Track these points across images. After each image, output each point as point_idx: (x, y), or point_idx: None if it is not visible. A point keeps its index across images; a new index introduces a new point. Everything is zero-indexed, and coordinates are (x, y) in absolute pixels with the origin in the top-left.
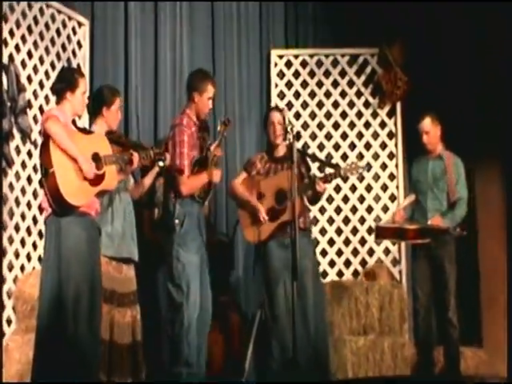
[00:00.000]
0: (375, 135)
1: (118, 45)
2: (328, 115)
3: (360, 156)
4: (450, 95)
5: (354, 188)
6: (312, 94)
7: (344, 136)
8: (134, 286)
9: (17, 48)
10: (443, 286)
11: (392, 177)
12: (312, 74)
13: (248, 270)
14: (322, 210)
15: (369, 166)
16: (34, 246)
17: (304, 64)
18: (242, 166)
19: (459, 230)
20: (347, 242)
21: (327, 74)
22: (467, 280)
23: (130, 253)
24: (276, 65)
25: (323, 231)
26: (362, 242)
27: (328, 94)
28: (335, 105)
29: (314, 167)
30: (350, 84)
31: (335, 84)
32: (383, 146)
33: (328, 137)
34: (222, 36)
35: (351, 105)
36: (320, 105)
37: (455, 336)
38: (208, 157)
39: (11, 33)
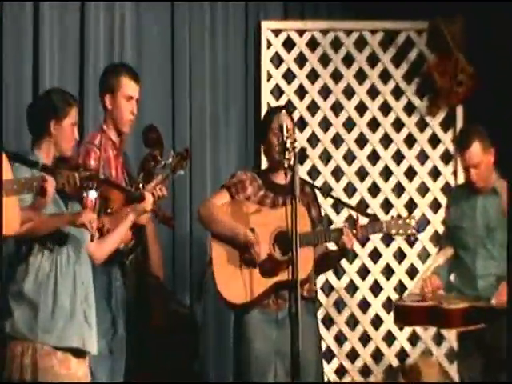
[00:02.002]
0: (422, 157)
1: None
2: (348, 125)
3: (398, 190)
4: None
5: (387, 238)
6: (324, 91)
7: (373, 158)
8: None
9: None
10: None
11: None
12: (325, 61)
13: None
14: (338, 272)
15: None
16: None
17: (313, 44)
18: (213, 188)
19: None
20: (377, 321)
21: (349, 60)
22: None
23: (81, 341)
24: (269, 45)
25: (340, 304)
26: None
27: (349, 92)
28: (360, 109)
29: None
30: (384, 77)
31: (361, 76)
32: (435, 174)
33: (348, 159)
34: (185, 5)
35: (385, 109)
36: (336, 108)
37: None
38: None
39: None
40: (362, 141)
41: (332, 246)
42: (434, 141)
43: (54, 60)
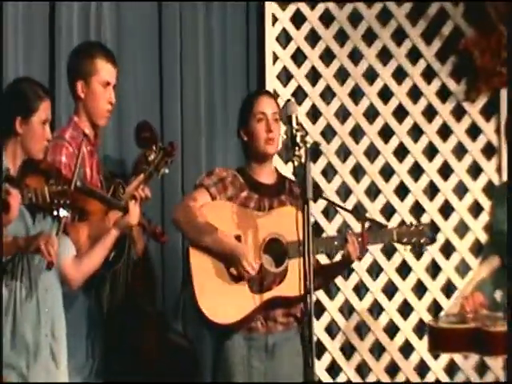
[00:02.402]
0: (460, 151)
1: None
2: (370, 114)
3: (430, 191)
4: None
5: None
6: (341, 75)
7: (401, 153)
8: None
9: None
10: None
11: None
12: (342, 38)
13: None
14: (360, 291)
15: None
16: None
17: (327, 18)
18: None
19: None
20: (407, 348)
21: (370, 36)
22: None
23: (49, 381)
24: (275, 20)
25: (362, 329)
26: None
27: (371, 75)
28: (385, 95)
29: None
30: (413, 56)
31: (385, 56)
32: (475, 171)
33: (370, 155)
34: None
35: (415, 95)
36: (356, 95)
37: None
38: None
39: None
40: (386, 133)
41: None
42: (474, 131)
43: (18, 44)
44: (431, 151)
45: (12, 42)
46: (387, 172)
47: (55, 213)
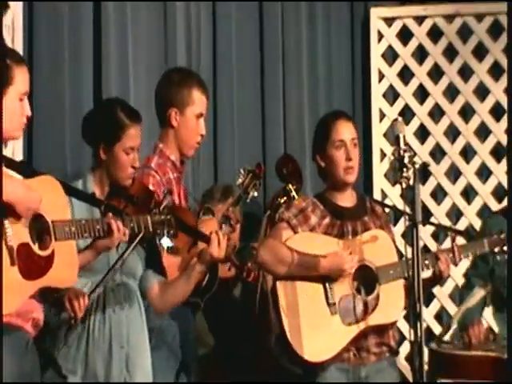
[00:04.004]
0: None
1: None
2: (482, 133)
3: None
4: None
5: None
6: (451, 92)
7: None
8: None
9: None
10: None
11: None
12: (451, 54)
13: None
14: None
15: None
16: None
17: (436, 34)
18: None
19: None
20: None
21: (481, 51)
22: None
23: None
24: (381, 36)
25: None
26: None
27: (482, 92)
28: (497, 112)
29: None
30: None
31: (497, 72)
32: None
33: (482, 175)
34: None
35: None
36: (467, 113)
37: None
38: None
39: None
40: (498, 152)
41: None
42: None
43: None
44: None
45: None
46: (500, 193)
47: (158, 242)
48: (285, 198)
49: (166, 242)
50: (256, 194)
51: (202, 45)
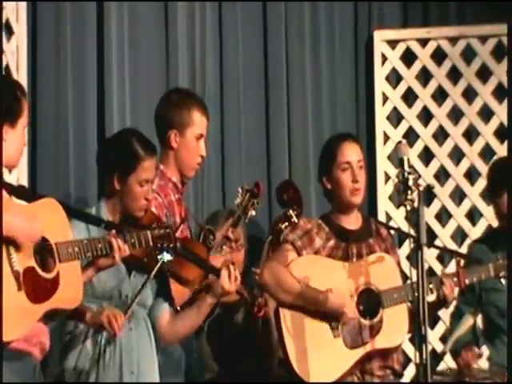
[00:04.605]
0: None
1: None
2: (487, 155)
3: None
4: None
5: None
6: (455, 115)
7: None
8: None
9: None
10: None
11: None
12: (455, 76)
13: None
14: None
15: None
16: None
17: (440, 56)
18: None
19: None
20: None
21: (485, 73)
22: None
23: None
24: (384, 59)
25: None
26: None
27: (486, 114)
28: (501, 134)
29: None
30: None
31: (501, 94)
32: None
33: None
34: (280, 8)
35: None
36: (471, 135)
37: None
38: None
39: None
40: None
41: None
42: None
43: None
44: None
45: (119, 93)
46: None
47: (159, 257)
48: (286, 223)
49: (165, 256)
50: (254, 213)
51: (207, 69)
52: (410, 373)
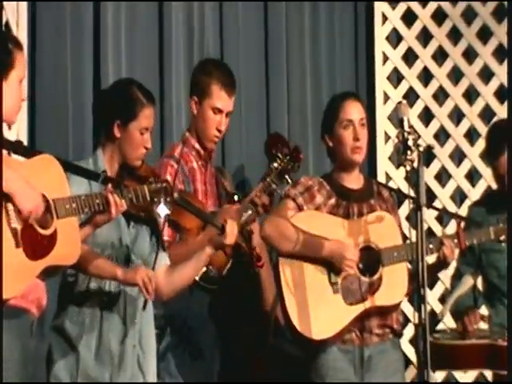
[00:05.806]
0: None
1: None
2: (486, 115)
3: None
4: None
5: None
6: (455, 75)
7: None
8: None
9: None
10: None
11: None
12: (456, 36)
13: None
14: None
15: None
16: None
17: (440, 16)
18: None
19: None
20: None
21: (486, 34)
22: None
23: None
24: (385, 19)
25: None
26: None
27: (487, 75)
28: (502, 95)
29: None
30: None
31: (501, 54)
32: None
33: None
34: None
35: None
36: (471, 95)
37: None
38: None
39: None
40: None
41: None
42: None
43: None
44: None
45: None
46: None
47: (156, 211)
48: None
49: (162, 210)
50: (290, 181)
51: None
52: (408, 332)
